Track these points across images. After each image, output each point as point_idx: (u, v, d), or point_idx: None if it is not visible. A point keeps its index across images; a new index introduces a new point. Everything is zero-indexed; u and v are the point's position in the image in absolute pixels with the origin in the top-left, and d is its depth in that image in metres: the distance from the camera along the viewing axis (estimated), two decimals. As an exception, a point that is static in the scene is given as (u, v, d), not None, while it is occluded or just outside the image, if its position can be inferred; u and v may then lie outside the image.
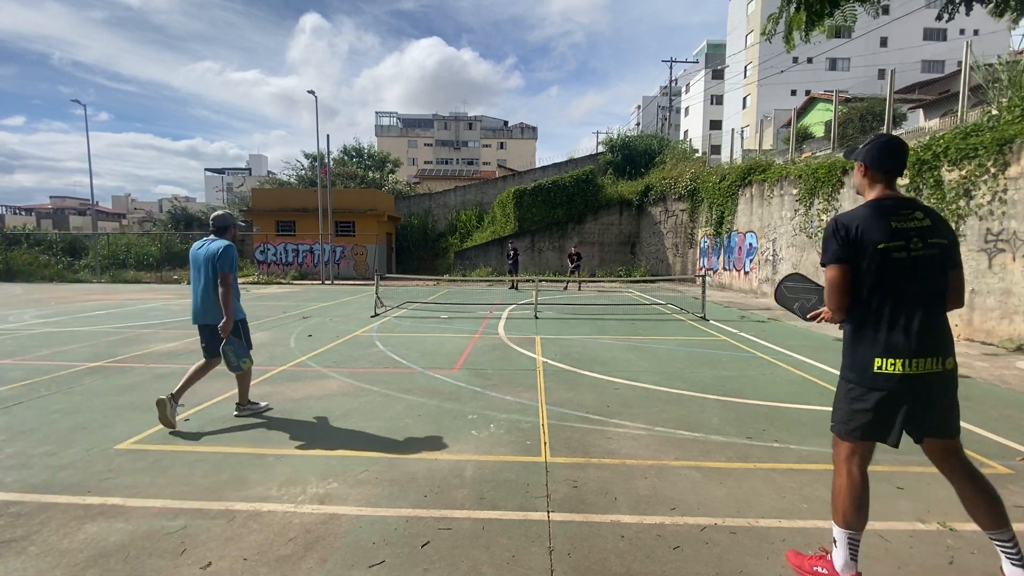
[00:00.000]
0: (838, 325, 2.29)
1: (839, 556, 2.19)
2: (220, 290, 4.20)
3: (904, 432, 2.12)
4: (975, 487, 2.15)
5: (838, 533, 2.20)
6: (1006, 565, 2.18)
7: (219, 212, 4.61)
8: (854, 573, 2.16)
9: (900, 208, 2.12)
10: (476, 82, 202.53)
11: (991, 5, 4.35)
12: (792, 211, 13.11)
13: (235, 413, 4.57)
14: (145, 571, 2.37)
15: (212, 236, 4.46)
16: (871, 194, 2.21)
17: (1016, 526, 2.77)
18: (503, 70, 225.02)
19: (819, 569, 2.26)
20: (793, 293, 2.75)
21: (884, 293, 2.09)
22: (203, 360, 4.46)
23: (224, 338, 4.27)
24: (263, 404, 4.78)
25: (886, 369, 2.06)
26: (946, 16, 4.55)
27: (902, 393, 2.07)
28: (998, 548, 2.20)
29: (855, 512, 2.15)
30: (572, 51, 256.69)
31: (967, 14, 4.54)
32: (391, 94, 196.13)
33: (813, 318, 2.51)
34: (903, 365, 2.04)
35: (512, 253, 18.06)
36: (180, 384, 4.34)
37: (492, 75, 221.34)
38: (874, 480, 3.30)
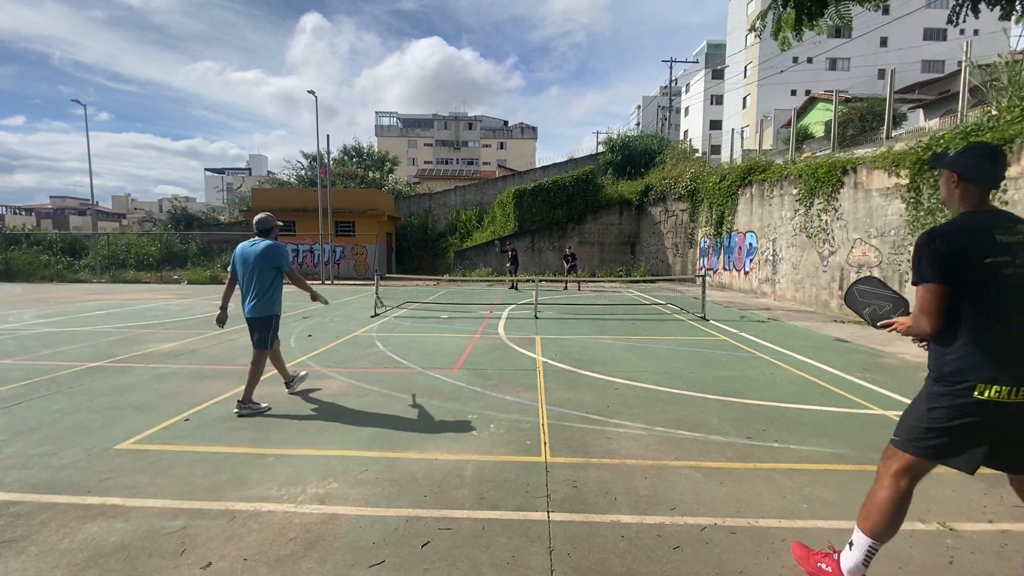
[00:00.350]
0: (918, 343, 2.14)
1: (850, 558, 2.12)
2: (295, 283, 4.90)
3: (988, 464, 1.97)
4: None
5: (860, 539, 2.10)
6: None
7: (261, 215, 4.93)
8: None
9: (1003, 221, 1.95)
10: (477, 82, 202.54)
11: (997, 7, 4.30)
12: (792, 211, 13.11)
13: (235, 411, 4.60)
14: (145, 571, 2.37)
15: (257, 237, 4.83)
16: (964, 207, 2.04)
17: (1017, 526, 2.78)
18: (504, 70, 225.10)
19: (823, 566, 2.24)
20: (865, 298, 2.57)
21: (988, 313, 1.90)
22: (255, 352, 4.78)
23: (322, 302, 5.14)
24: (264, 405, 4.78)
25: (989, 396, 1.87)
26: (956, 20, 4.50)
27: (1000, 422, 1.90)
28: None
29: (887, 526, 2.06)
30: (573, 51, 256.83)
31: (976, 17, 4.49)
32: (392, 94, 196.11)
33: (884, 327, 2.33)
34: (1009, 393, 1.85)
35: (512, 253, 18.06)
36: (245, 387, 4.65)
37: (493, 75, 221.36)
38: (874, 480, 3.31)
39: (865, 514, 2.11)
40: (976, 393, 1.89)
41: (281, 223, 5.22)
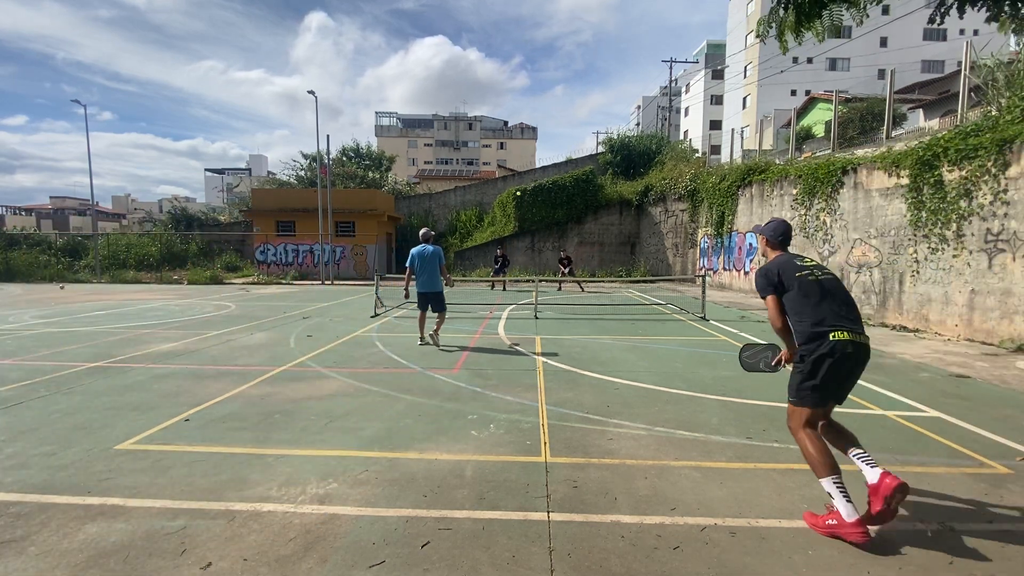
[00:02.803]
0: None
1: (838, 504, 2.55)
2: (444, 273, 7.75)
3: None
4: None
5: (825, 484, 2.63)
6: (866, 469, 2.64)
7: (426, 230, 8.01)
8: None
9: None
10: (481, 81, 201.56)
11: (983, 8, 4.29)
12: (792, 211, 13.10)
13: (431, 339, 7.77)
14: (145, 571, 2.37)
15: (424, 244, 7.72)
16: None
17: (1016, 526, 2.79)
18: (509, 69, 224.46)
19: (831, 521, 2.58)
20: (754, 358, 3.13)
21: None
22: (421, 313, 7.87)
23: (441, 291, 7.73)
24: (442, 339, 7.81)
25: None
26: (937, 19, 4.49)
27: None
28: (857, 460, 2.70)
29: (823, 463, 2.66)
30: (579, 50, 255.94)
31: (960, 16, 4.48)
32: (395, 93, 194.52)
33: (778, 363, 2.99)
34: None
35: (501, 257, 18.50)
36: (420, 330, 7.91)
37: (498, 75, 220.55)
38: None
39: (811, 467, 2.66)
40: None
41: (434, 233, 7.87)
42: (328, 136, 24.41)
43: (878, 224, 10.11)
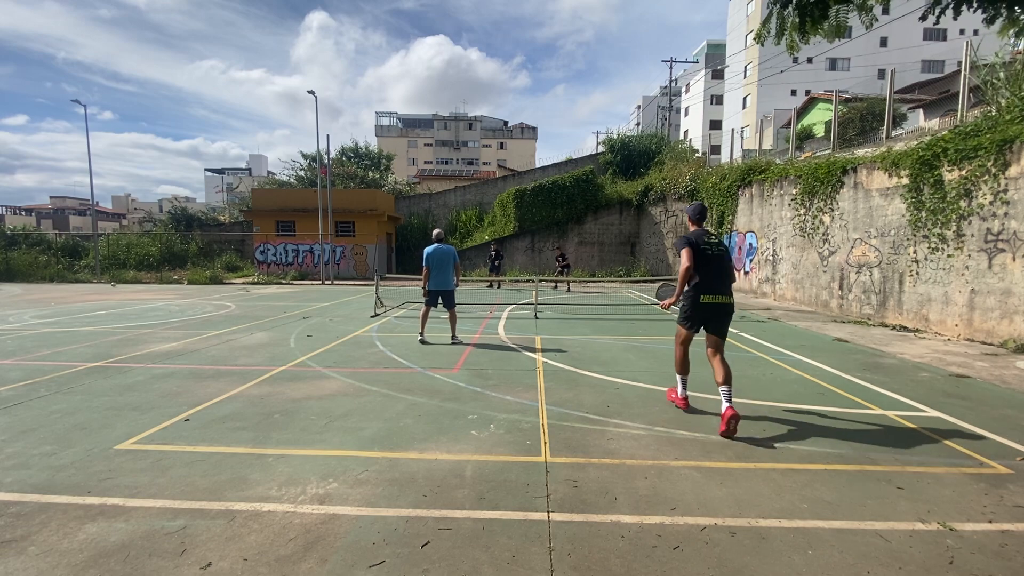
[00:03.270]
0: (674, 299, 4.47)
1: (679, 390, 4.64)
2: (456, 271, 8.01)
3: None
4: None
5: (678, 378, 4.66)
6: (723, 401, 4.02)
7: (439, 231, 8.08)
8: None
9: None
10: (483, 81, 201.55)
11: (980, 10, 4.27)
12: (792, 211, 13.10)
13: (451, 341, 7.94)
14: (145, 571, 2.37)
15: (437, 244, 7.87)
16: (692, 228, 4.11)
17: (1017, 526, 2.78)
18: (509, 69, 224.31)
19: (673, 398, 4.58)
20: (665, 290, 4.52)
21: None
22: (426, 309, 8.15)
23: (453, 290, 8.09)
24: (460, 337, 7.97)
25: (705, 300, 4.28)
26: (932, 17, 4.47)
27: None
28: (720, 393, 4.05)
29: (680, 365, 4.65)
30: (580, 50, 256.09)
31: (955, 17, 4.46)
32: (395, 93, 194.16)
33: (670, 301, 4.42)
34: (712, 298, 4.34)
35: (495, 253, 18.94)
36: (421, 326, 8.08)
37: (499, 74, 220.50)
38: (874, 480, 3.32)
39: (674, 365, 4.57)
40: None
41: (444, 235, 8.26)
42: (328, 136, 24.43)
43: (878, 224, 10.11)
